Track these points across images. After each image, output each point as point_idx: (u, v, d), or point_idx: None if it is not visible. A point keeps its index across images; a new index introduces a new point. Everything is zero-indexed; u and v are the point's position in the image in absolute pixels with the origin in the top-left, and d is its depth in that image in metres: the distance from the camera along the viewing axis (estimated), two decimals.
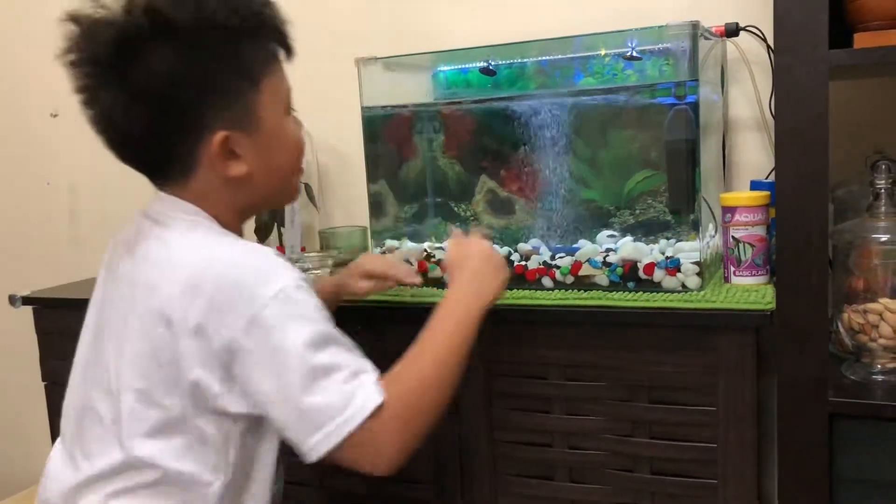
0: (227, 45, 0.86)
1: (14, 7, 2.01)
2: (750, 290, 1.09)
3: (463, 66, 1.31)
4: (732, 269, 1.14)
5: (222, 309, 0.81)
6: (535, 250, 1.20)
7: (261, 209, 0.97)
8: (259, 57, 0.89)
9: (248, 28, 0.87)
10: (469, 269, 0.99)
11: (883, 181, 0.97)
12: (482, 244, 1.04)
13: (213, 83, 0.86)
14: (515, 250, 1.22)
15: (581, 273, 1.16)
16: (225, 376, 0.83)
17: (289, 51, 0.93)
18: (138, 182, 0.93)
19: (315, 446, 0.81)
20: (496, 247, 1.00)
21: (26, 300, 1.47)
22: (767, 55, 1.31)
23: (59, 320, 1.46)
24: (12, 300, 1.46)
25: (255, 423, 0.88)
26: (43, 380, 1.49)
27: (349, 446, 0.81)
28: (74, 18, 0.85)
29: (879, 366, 0.99)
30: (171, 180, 0.91)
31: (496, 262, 1.01)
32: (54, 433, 1.49)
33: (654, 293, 1.11)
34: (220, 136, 0.86)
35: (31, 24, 1.99)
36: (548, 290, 1.17)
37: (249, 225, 1.41)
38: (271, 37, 0.90)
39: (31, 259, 2.07)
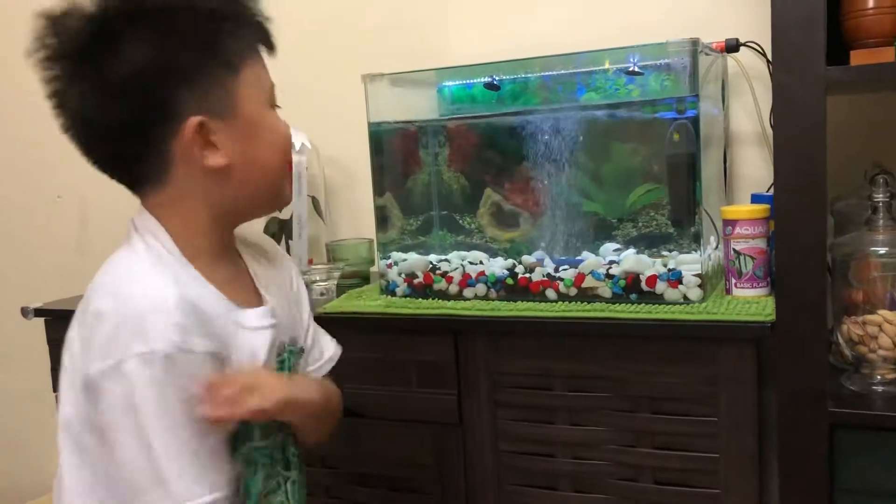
0: (205, 29, 0.83)
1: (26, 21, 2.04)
2: (751, 301, 1.11)
3: (467, 81, 1.33)
4: (734, 281, 1.15)
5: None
6: (539, 262, 1.22)
7: (248, 214, 0.93)
8: (238, 44, 0.86)
9: (226, 13, 0.85)
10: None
11: (881, 195, 0.99)
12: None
13: (189, 68, 0.82)
14: (519, 262, 1.23)
15: (584, 285, 1.18)
16: None
17: (270, 45, 0.90)
18: None
19: None
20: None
21: (38, 312, 1.48)
22: (767, 70, 1.32)
23: None
24: (25, 312, 1.48)
25: None
26: (54, 391, 1.50)
27: None
28: (46, 14, 0.83)
29: (879, 377, 1.00)
30: (149, 185, 0.87)
31: None
32: None
33: (657, 305, 1.12)
34: (194, 121, 0.82)
35: None
36: (551, 301, 1.19)
37: None
38: (251, 27, 0.88)
39: (42, 271, 2.09)
